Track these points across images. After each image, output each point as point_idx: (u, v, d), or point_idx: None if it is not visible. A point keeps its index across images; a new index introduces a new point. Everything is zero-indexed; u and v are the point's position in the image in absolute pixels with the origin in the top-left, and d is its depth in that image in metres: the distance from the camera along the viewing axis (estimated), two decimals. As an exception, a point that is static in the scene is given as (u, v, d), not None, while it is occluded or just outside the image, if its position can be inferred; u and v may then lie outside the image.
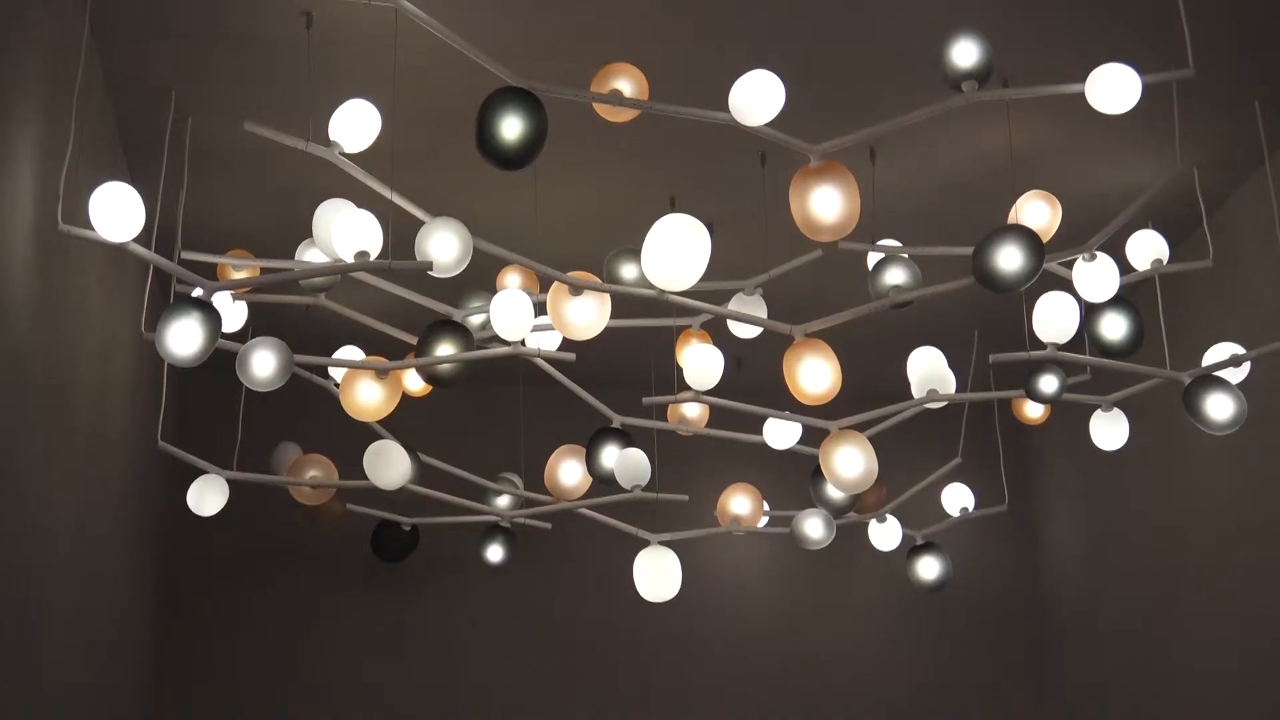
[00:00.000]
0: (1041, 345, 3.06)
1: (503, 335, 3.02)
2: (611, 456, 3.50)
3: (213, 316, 2.62)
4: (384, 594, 4.31)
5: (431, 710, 4.24)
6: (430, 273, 2.83)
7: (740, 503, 3.93)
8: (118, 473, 3.52)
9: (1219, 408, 3.03)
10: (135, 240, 2.60)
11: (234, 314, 3.19)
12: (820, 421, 3.29)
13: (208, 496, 3.62)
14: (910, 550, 4.20)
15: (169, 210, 2.97)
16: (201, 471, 3.58)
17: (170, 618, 4.19)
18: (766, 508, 3.98)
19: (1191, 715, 3.67)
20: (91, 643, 3.31)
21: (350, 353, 3.42)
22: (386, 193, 3.01)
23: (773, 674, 4.41)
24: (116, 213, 2.53)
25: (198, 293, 2.68)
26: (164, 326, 2.60)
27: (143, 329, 3.18)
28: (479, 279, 3.33)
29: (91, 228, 2.53)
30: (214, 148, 3.34)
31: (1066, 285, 3.08)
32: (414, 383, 3.44)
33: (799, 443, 3.62)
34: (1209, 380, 3.05)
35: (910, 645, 4.46)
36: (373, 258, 2.74)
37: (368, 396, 3.20)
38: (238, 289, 3.17)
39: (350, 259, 2.76)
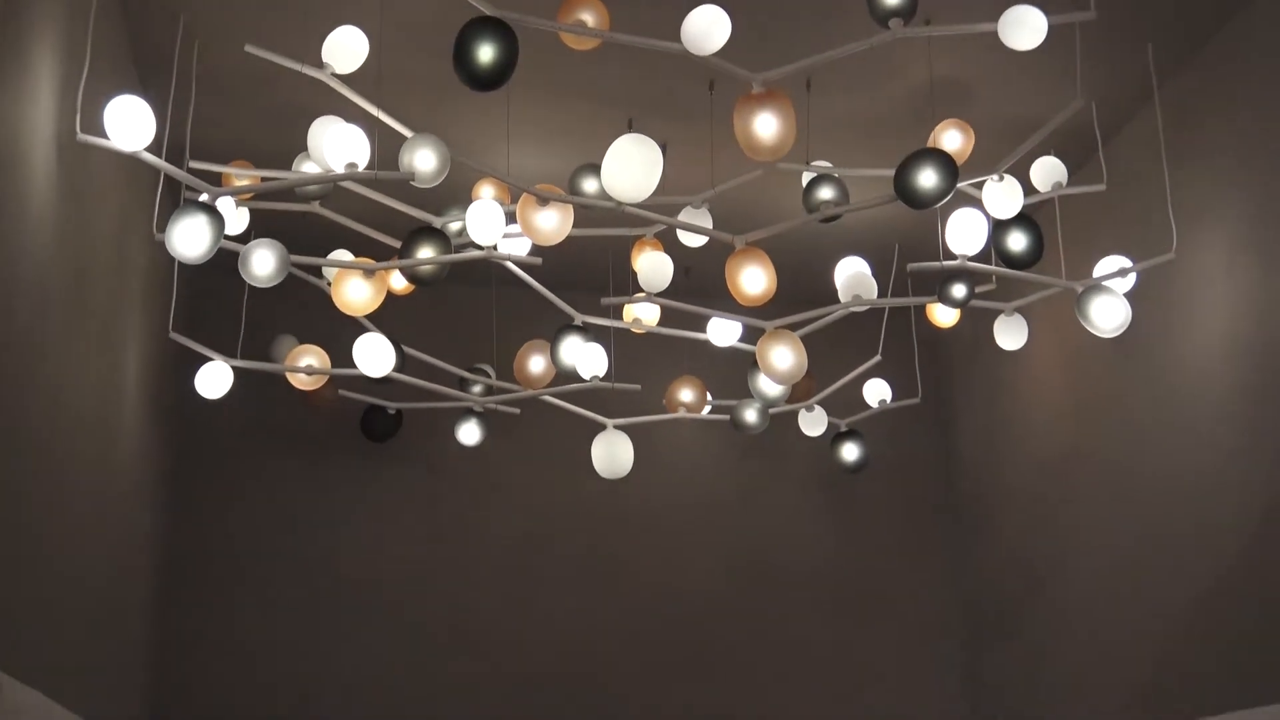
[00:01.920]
0: (953, 257, 3.07)
1: (477, 241, 3.00)
2: (573, 350, 3.49)
3: (217, 219, 2.61)
4: (371, 471, 4.30)
5: (414, 570, 4.26)
6: (412, 183, 2.82)
7: (686, 393, 3.94)
8: (132, 360, 3.49)
9: (1107, 313, 3.04)
10: (146, 150, 2.58)
11: (237, 219, 3.17)
12: (757, 321, 3.30)
13: (214, 382, 3.59)
14: (835, 436, 4.23)
15: (178, 125, 2.93)
16: (209, 360, 3.55)
17: (179, 493, 4.17)
18: (709, 398, 3.99)
19: (1078, 567, 3.73)
20: (106, 516, 3.29)
21: (341, 255, 3.40)
22: (374, 111, 2.99)
23: (715, 543, 4.44)
24: (129, 124, 2.51)
25: (204, 197, 2.66)
26: (173, 227, 2.59)
27: (154, 230, 3.16)
28: (456, 192, 3.31)
29: (106, 137, 2.51)
30: (219, 68, 3.28)
31: (977, 203, 3.09)
32: (398, 282, 3.43)
33: (739, 340, 3.62)
34: (1098, 289, 3.07)
35: (835, 519, 4.50)
36: (360, 169, 2.74)
37: (357, 294, 3.18)
38: (240, 195, 3.15)
39: (340, 169, 2.75)
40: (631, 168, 2.79)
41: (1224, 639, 3.05)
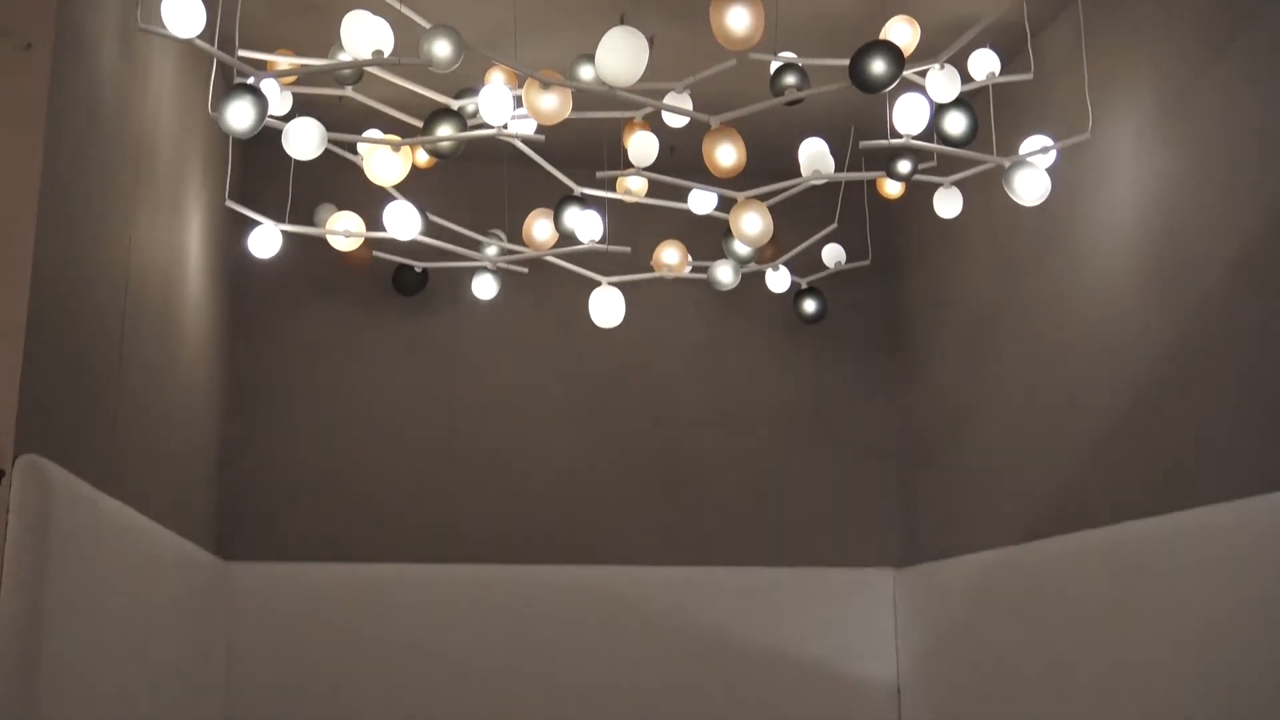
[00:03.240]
0: (900, 136, 3.09)
1: (488, 120, 3.02)
2: (572, 217, 3.53)
3: (262, 99, 2.63)
4: (402, 321, 4.36)
5: (435, 400, 4.33)
6: (431, 69, 2.83)
7: (670, 254, 3.98)
8: (194, 223, 3.52)
9: (1030, 185, 3.08)
10: (200, 38, 2.59)
11: (281, 101, 3.19)
12: (730, 192, 3.33)
13: (264, 243, 3.63)
14: (796, 292, 4.29)
15: (228, 20, 2.92)
16: (260, 224, 3.59)
17: (237, 334, 4.23)
18: (690, 259, 4.03)
19: (1000, 403, 3.79)
20: (176, 359, 3.35)
21: (372, 133, 3.41)
22: (397, 5, 2.99)
23: (694, 382, 4.51)
24: (184, 14, 2.51)
25: (251, 80, 2.68)
26: (224, 106, 2.61)
27: (209, 109, 3.18)
28: (470, 77, 3.31)
29: (164, 27, 2.52)
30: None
31: (921, 90, 3.10)
32: (421, 157, 3.45)
33: (715, 209, 3.66)
34: (1023, 165, 3.09)
35: (796, 362, 4.57)
36: (385, 56, 2.77)
37: (385, 166, 3.20)
38: (283, 78, 3.15)
39: (368, 56, 2.77)
40: (622, 56, 2.81)
41: (1128, 458, 3.13)
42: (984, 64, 3.24)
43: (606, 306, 3.69)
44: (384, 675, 4.02)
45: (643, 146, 3.34)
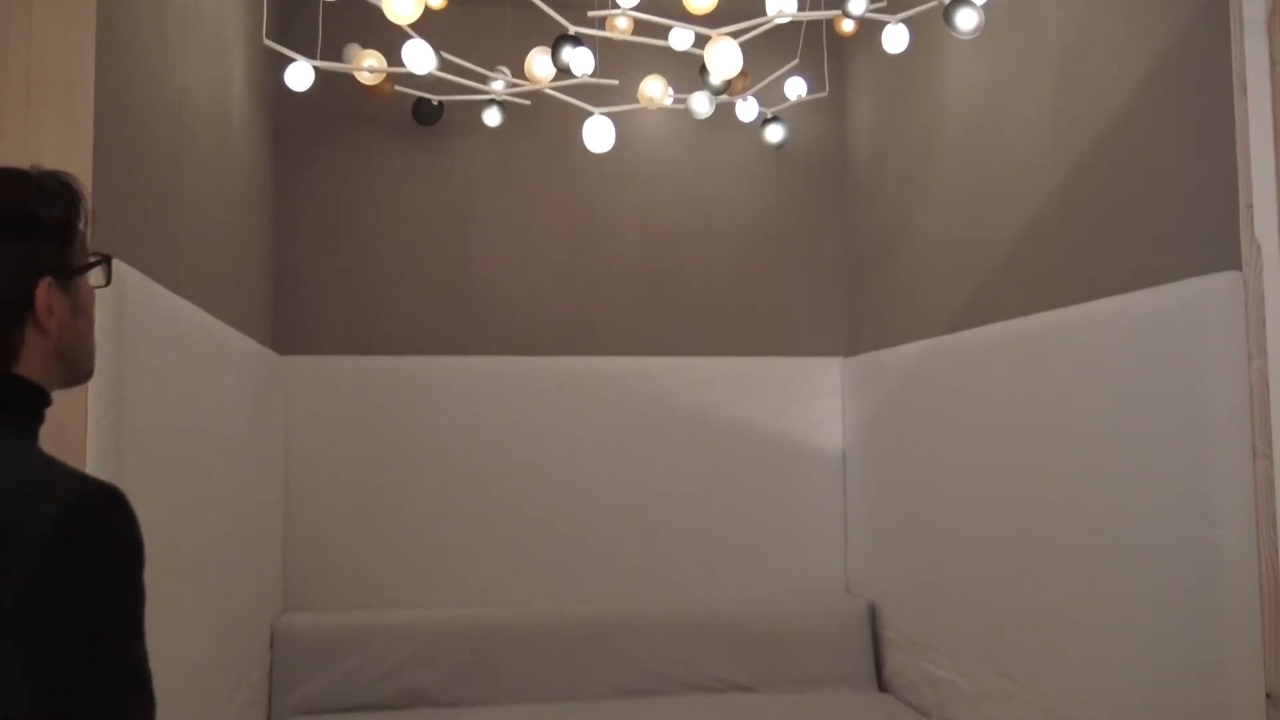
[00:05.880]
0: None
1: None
2: (567, 54, 3.44)
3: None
4: (420, 147, 4.29)
5: (455, 215, 4.30)
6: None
7: (653, 86, 3.90)
8: (236, 60, 3.42)
9: (965, 20, 3.00)
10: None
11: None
12: (706, 30, 3.24)
13: (299, 78, 3.55)
14: (763, 121, 4.22)
15: None
16: (295, 60, 3.50)
17: (279, 163, 4.17)
18: (670, 91, 3.95)
19: (933, 218, 3.78)
20: (229, 181, 3.31)
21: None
22: None
23: (673, 202, 4.47)
24: None
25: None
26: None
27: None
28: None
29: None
30: None
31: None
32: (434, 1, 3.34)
33: (692, 46, 3.56)
34: (962, 3, 3.01)
35: (762, 184, 4.52)
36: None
37: (403, 6, 3.10)
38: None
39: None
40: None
41: (1035, 261, 3.15)
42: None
43: (598, 134, 3.64)
44: (413, 445, 4.13)
45: (628, -11, 3.23)
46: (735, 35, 3.27)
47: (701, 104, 3.88)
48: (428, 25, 3.51)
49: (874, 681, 4.03)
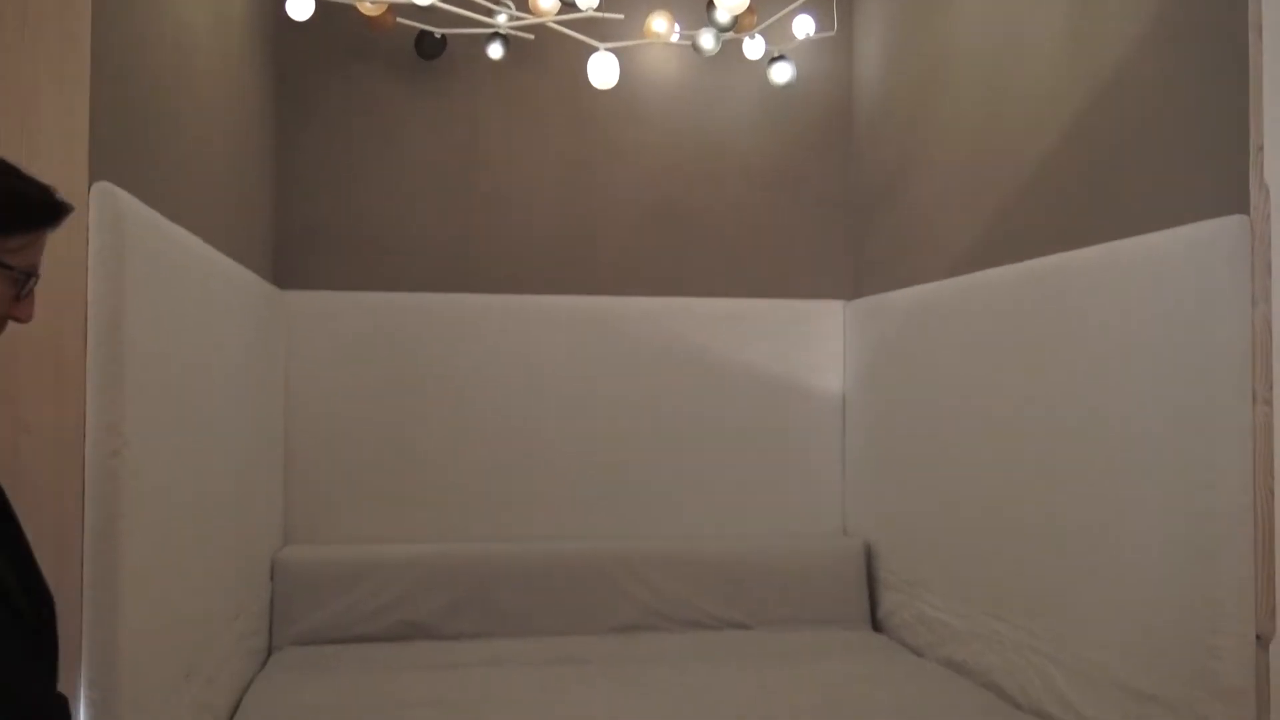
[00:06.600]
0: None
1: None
2: (572, -14, 3.39)
3: None
4: (423, 82, 4.24)
5: (459, 151, 4.26)
6: None
7: (659, 23, 3.84)
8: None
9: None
10: None
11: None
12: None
13: (300, 9, 3.50)
14: (770, 59, 4.16)
15: None
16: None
17: (281, 96, 4.12)
18: (677, 27, 3.89)
19: (938, 159, 3.75)
20: (229, 111, 3.27)
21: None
22: None
23: (681, 138, 4.42)
24: None
25: None
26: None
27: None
28: None
29: None
30: None
31: None
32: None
33: (699, -20, 3.51)
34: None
35: (768, 122, 4.47)
36: None
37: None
38: None
39: None
40: None
41: (1038, 204, 3.13)
42: None
43: (603, 70, 3.60)
44: (414, 381, 4.13)
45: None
46: (743, -30, 3.21)
47: (708, 41, 3.82)
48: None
49: (868, 621, 4.07)
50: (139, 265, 2.13)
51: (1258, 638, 2.21)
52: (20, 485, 1.95)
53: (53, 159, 1.97)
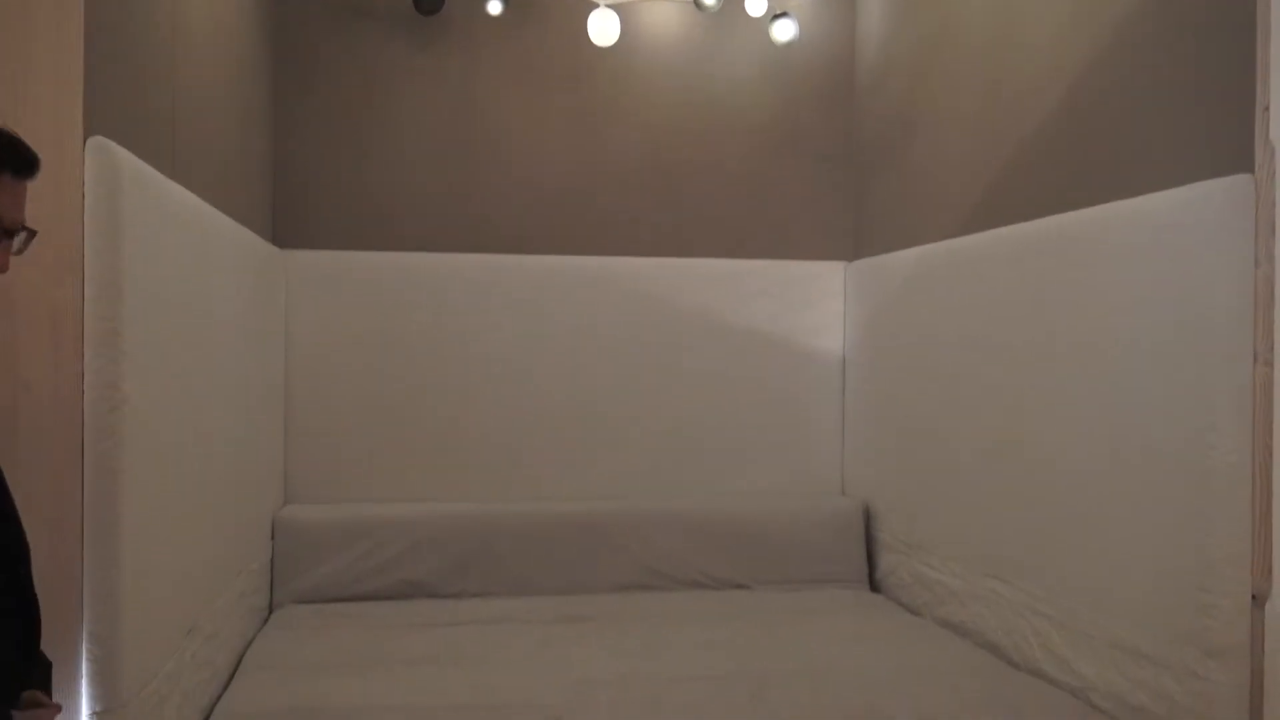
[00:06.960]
0: None
1: None
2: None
3: None
4: (422, 39, 4.19)
5: (459, 109, 4.22)
6: None
7: (660, -21, 3.79)
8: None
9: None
10: None
11: None
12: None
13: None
14: (773, 16, 4.12)
15: None
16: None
17: (280, 54, 4.08)
18: (678, -16, 3.85)
19: (941, 117, 3.71)
20: (226, 69, 3.24)
21: None
22: None
23: (681, 94, 4.38)
24: None
25: None
26: None
27: None
28: None
29: None
30: None
31: None
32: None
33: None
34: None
35: (770, 79, 4.42)
36: None
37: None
38: None
39: None
40: None
41: (1040, 166, 3.11)
42: None
43: (604, 26, 3.56)
44: (414, 341, 4.12)
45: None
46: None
47: (709, -3, 3.78)
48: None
49: (866, 581, 4.09)
50: (135, 221, 2.11)
51: (1253, 597, 2.22)
52: (19, 443, 1.95)
53: (47, 113, 1.95)
